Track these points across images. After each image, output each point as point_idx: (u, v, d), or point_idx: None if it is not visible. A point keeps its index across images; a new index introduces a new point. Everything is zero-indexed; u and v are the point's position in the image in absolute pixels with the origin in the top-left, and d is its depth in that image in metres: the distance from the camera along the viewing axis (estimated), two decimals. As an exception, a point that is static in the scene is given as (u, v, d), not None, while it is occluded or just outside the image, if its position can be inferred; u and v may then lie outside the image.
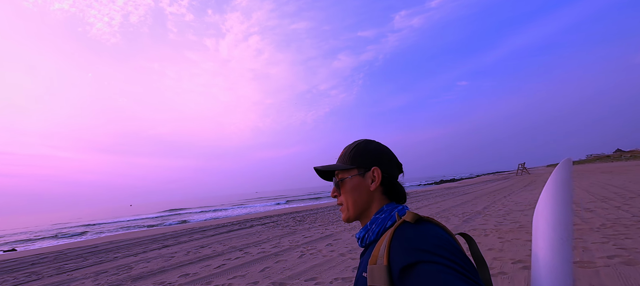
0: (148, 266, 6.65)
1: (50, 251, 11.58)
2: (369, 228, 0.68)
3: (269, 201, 46.22)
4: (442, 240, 0.52)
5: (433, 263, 0.48)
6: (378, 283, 0.54)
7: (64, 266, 7.88)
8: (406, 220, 0.58)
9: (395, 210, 0.66)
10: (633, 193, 9.69)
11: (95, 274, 6.41)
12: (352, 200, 0.71)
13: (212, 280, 4.99)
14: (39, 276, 6.88)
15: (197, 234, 11.72)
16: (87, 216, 53.01)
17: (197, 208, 47.84)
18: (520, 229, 6.16)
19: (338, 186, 0.74)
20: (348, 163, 0.73)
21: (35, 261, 9.16)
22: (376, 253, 0.57)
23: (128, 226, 22.87)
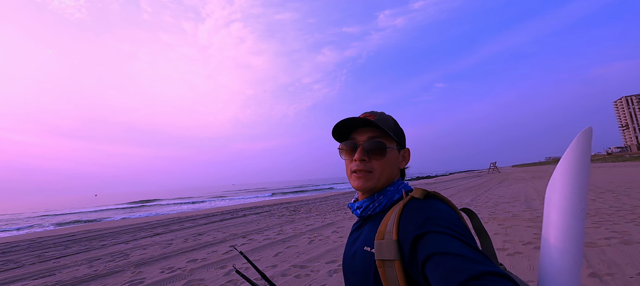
0: (146, 252, 6.31)
1: (17, 240, 10.57)
2: (376, 199, 0.67)
3: (250, 194, 45.33)
4: (449, 214, 0.55)
5: (439, 233, 0.50)
6: (387, 256, 0.54)
7: (44, 254, 7.25)
8: (414, 196, 0.59)
9: (402, 185, 0.68)
10: (601, 188, 10.75)
11: (87, 261, 5.97)
12: (388, 171, 0.68)
13: (226, 264, 4.86)
14: (18, 264, 6.29)
15: (187, 222, 11.28)
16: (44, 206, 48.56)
17: (171, 199, 45.65)
18: (515, 217, 6.61)
19: (378, 151, 0.67)
20: (392, 132, 0.69)
21: (5, 250, 8.34)
22: (383, 228, 0.58)
23: (94, 218, 21.43)
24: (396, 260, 0.53)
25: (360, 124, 0.69)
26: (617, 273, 3.03)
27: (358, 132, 0.70)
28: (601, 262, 3.36)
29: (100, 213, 25.01)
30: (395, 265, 0.53)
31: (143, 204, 34.40)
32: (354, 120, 0.68)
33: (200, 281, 4.07)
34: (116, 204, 38.97)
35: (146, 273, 4.72)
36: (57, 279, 4.79)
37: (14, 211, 37.88)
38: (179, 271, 4.68)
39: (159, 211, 22.45)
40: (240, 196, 38.91)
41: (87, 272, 5.04)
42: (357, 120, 0.68)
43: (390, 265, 0.54)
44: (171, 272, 4.62)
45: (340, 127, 0.70)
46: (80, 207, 37.32)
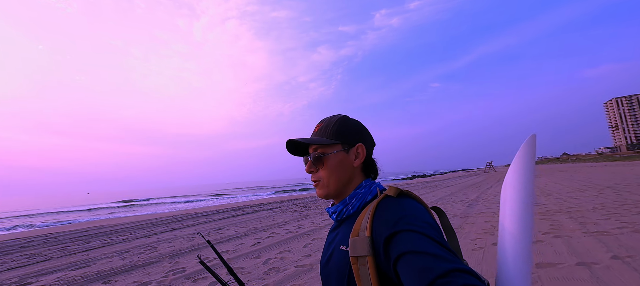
0: (173, 245, 6.49)
1: (27, 236, 10.59)
2: (348, 202, 0.68)
3: (250, 192, 45.38)
4: (421, 213, 0.57)
5: (411, 231, 0.52)
6: (360, 252, 0.56)
7: (66, 247, 7.36)
8: (388, 194, 0.61)
9: (374, 186, 0.69)
10: (601, 185, 11.21)
11: (117, 253, 6.12)
12: (335, 177, 0.69)
13: (261, 254, 5.07)
14: (45, 257, 6.41)
15: (201, 218, 11.43)
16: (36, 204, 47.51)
17: (168, 197, 45.27)
18: (489, 214, 6.96)
19: (318, 161, 0.71)
20: (332, 137, 0.70)
21: (22, 245, 8.40)
22: (358, 226, 0.59)
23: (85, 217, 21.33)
24: (369, 256, 0.55)
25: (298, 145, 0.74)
26: (636, 255, 3.35)
27: (310, 146, 0.73)
28: (619, 247, 3.68)
29: (98, 211, 24.85)
30: (367, 261, 0.55)
31: (130, 204, 34.12)
32: (289, 145, 0.74)
33: (241, 269, 4.29)
34: (113, 202, 38.61)
35: (184, 263, 4.90)
36: (95, 269, 4.95)
37: (5, 209, 37.28)
38: (215, 261, 4.87)
39: (158, 209, 22.42)
40: (241, 194, 38.92)
41: (124, 263, 5.21)
42: (290, 144, 0.73)
43: (363, 261, 0.56)
44: (208, 262, 4.81)
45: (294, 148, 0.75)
46: (74, 205, 36.82)
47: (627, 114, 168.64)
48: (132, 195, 72.49)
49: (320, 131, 0.73)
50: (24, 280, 4.66)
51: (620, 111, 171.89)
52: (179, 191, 79.59)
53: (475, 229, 5.53)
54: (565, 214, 6.09)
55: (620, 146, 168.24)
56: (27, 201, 77.54)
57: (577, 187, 11.35)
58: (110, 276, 4.46)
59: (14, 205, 50.91)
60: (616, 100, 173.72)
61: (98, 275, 4.56)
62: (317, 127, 0.75)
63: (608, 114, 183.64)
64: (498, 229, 0.63)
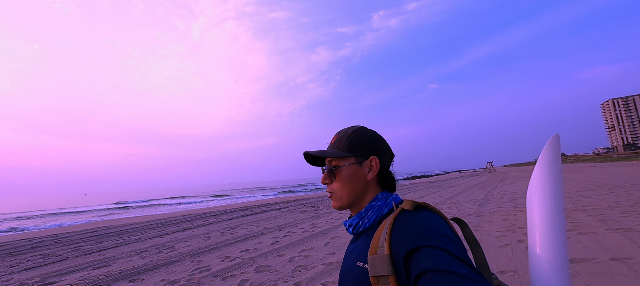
0: (190, 244, 6.46)
1: (35, 236, 10.49)
2: (363, 215, 0.67)
3: (251, 192, 45.24)
4: (440, 226, 0.55)
5: (432, 247, 0.50)
6: (381, 272, 0.54)
7: (80, 247, 7.31)
8: (404, 208, 0.59)
9: (391, 198, 0.67)
10: (608, 185, 11.29)
11: (135, 252, 6.08)
12: (348, 189, 0.69)
13: (283, 252, 5.06)
14: (61, 257, 6.35)
15: (210, 219, 11.39)
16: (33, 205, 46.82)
17: (168, 198, 44.98)
18: (504, 213, 7.00)
19: (331, 173, 0.71)
20: (345, 150, 0.70)
21: (32, 245, 8.33)
22: (375, 243, 0.57)
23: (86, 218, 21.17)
24: (390, 276, 0.53)
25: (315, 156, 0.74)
26: (668, 252, 3.37)
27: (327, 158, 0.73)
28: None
29: (100, 212, 24.68)
30: (389, 280, 0.53)
31: (132, 205, 33.95)
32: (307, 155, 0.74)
33: (267, 267, 4.28)
34: (113, 203, 38.34)
35: (207, 261, 4.88)
36: (117, 268, 4.91)
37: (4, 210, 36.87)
38: (238, 259, 4.86)
39: (161, 210, 22.31)
40: (243, 194, 38.80)
41: (144, 262, 5.18)
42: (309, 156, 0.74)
43: (385, 280, 0.54)
44: (231, 261, 4.80)
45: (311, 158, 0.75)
46: (73, 206, 36.48)
47: (624, 115, 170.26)
48: (130, 196, 71.90)
49: (335, 143, 0.72)
50: (46, 279, 4.62)
51: (617, 112, 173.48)
52: (177, 192, 79.14)
53: (495, 228, 5.55)
54: (582, 212, 6.13)
55: (617, 146, 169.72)
56: (23, 202, 76.76)
57: (585, 186, 11.43)
58: (135, 275, 4.43)
59: (11, 206, 50.45)
60: (613, 101, 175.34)
61: (122, 274, 4.53)
62: (333, 139, 0.74)
63: (604, 115, 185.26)
64: (527, 236, 0.59)
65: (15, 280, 4.77)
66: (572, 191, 10.05)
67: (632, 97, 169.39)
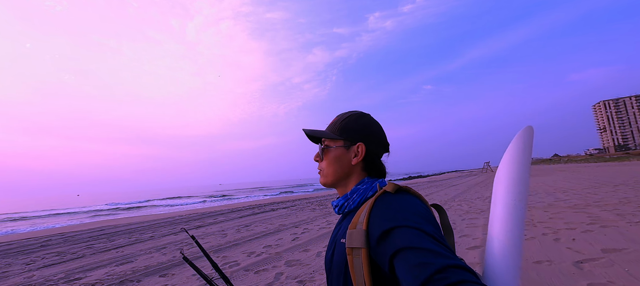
0: (209, 241, 6.43)
1: (42, 235, 10.32)
2: (349, 197, 0.71)
3: (247, 193, 44.98)
4: (419, 208, 0.58)
5: (408, 227, 0.52)
6: (356, 244, 0.57)
7: (93, 245, 7.23)
8: (387, 190, 0.62)
9: (376, 182, 0.70)
10: (612, 182, 11.52)
11: (154, 249, 6.04)
12: (332, 169, 0.73)
13: (308, 247, 5.08)
14: (76, 255, 6.28)
15: (220, 217, 11.34)
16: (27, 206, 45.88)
17: (166, 198, 44.48)
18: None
19: (322, 152, 0.76)
20: (336, 132, 0.74)
21: (42, 244, 8.20)
22: (356, 220, 0.61)
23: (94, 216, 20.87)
24: (363, 248, 0.56)
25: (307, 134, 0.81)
26: (695, 242, 3.48)
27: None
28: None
29: (98, 212, 24.35)
30: (361, 253, 0.56)
31: (135, 206, 33.55)
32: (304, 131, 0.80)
33: (297, 261, 4.29)
34: (111, 204, 37.82)
35: (233, 257, 4.88)
36: (141, 264, 4.88)
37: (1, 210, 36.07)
38: (264, 254, 4.86)
39: (160, 210, 22.10)
40: (243, 195, 38.59)
41: (168, 258, 5.15)
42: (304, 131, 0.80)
43: (358, 253, 0.57)
44: (257, 256, 4.80)
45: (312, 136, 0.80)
46: (69, 207, 35.83)
47: (615, 117, 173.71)
48: (125, 197, 70.85)
49: (331, 125, 0.77)
50: (70, 276, 4.57)
51: (608, 113, 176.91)
52: (172, 193, 78.32)
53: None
54: (596, 208, 6.26)
55: (609, 147, 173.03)
56: (15, 202, 75.15)
57: (589, 184, 11.64)
58: (163, 270, 4.41)
59: (3, 207, 49.43)
60: (604, 103, 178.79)
61: (149, 270, 4.50)
62: (332, 121, 0.79)
63: (596, 117, 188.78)
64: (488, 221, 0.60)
65: (37, 276, 4.71)
66: (578, 189, 10.24)
67: (622, 99, 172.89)
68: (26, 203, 69.11)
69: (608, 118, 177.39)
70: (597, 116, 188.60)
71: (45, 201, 77.54)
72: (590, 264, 3.13)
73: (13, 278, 4.76)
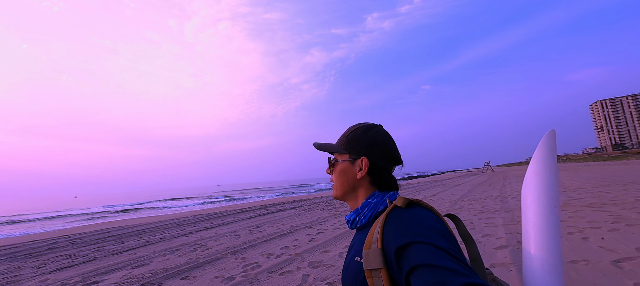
0: (222, 242, 6.33)
1: (46, 238, 10.15)
2: (360, 211, 0.70)
3: (249, 194, 44.82)
4: (432, 221, 0.57)
5: (423, 243, 0.51)
6: (374, 266, 0.56)
7: (103, 247, 7.10)
8: (397, 205, 0.61)
9: (387, 196, 0.69)
10: (621, 181, 11.51)
11: (168, 251, 5.92)
12: (339, 183, 0.74)
13: (328, 248, 4.99)
14: (88, 258, 6.15)
15: (228, 218, 11.23)
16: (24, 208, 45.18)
17: (167, 200, 44.18)
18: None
19: (330, 166, 0.78)
20: (342, 146, 0.75)
21: (49, 246, 8.06)
22: (369, 238, 0.60)
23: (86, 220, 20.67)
24: (382, 269, 0.55)
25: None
26: None
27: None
28: None
29: (98, 214, 24.12)
30: (381, 273, 0.55)
31: (136, 207, 33.31)
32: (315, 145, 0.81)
33: (320, 263, 4.20)
34: (112, 205, 37.51)
35: (252, 258, 4.78)
36: (158, 266, 4.77)
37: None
38: (284, 256, 4.77)
39: (162, 212, 21.93)
40: (245, 195, 38.42)
41: (185, 260, 5.04)
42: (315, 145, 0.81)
43: (377, 274, 0.56)
44: (277, 257, 4.70)
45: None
46: (68, 208, 35.45)
47: (612, 116, 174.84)
48: (124, 198, 70.20)
49: (340, 137, 0.77)
50: (87, 279, 4.46)
51: (605, 112, 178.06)
52: (171, 194, 77.86)
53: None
54: (614, 206, 6.22)
55: (606, 146, 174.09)
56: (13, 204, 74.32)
57: (597, 183, 11.63)
58: (184, 273, 4.31)
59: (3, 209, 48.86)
60: (601, 102, 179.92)
61: (168, 272, 4.40)
62: (342, 134, 0.79)
63: (593, 116, 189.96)
64: (522, 234, 0.58)
65: (51, 280, 4.59)
66: (587, 188, 10.22)
67: (619, 99, 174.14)
68: (23, 205, 68.51)
69: (605, 118, 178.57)
70: (594, 116, 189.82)
71: (42, 203, 76.76)
72: (630, 263, 3.07)
73: (26, 282, 4.64)
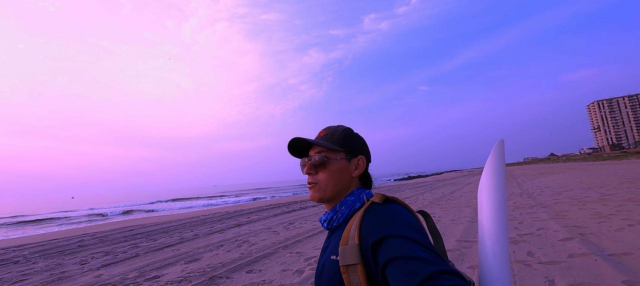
0: (264, 238, 6.30)
1: (70, 235, 10.05)
2: (338, 210, 0.70)
3: (252, 194, 44.74)
4: (405, 216, 0.59)
5: (398, 236, 0.53)
6: (350, 261, 0.57)
7: (138, 244, 7.04)
8: (374, 201, 0.63)
9: (363, 193, 0.71)
10: (629, 179, 11.60)
11: (213, 246, 5.88)
12: (333, 182, 0.71)
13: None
14: (128, 254, 6.10)
15: (252, 215, 11.20)
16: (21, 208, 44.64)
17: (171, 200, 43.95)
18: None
19: (321, 164, 0.72)
20: (337, 145, 0.73)
21: (81, 244, 7.97)
22: (347, 234, 0.61)
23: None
24: (358, 264, 0.56)
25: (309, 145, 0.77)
26: None
27: (312, 149, 0.76)
28: None
29: (99, 214, 23.93)
30: (358, 269, 0.56)
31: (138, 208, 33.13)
32: (299, 142, 0.76)
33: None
34: (111, 206, 37.23)
35: (307, 253, 4.75)
36: (214, 261, 4.73)
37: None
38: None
39: (175, 211, 21.79)
40: (251, 195, 38.31)
41: (237, 255, 5.01)
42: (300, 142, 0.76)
43: (354, 269, 0.56)
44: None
45: (294, 148, 0.77)
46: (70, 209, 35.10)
47: (608, 116, 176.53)
48: (126, 199, 69.70)
49: (327, 136, 0.75)
50: (145, 274, 4.41)
51: (602, 113, 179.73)
52: (170, 194, 77.37)
53: (547, 215, 5.62)
54: (632, 203, 6.26)
55: (604, 146, 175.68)
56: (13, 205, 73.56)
57: (603, 181, 11.72)
58: (245, 266, 4.27)
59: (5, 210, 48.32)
60: (598, 103, 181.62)
61: (230, 267, 4.36)
62: (322, 133, 0.77)
63: (590, 116, 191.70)
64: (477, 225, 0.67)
65: (106, 275, 4.54)
66: (596, 185, 10.31)
67: (616, 99, 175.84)
68: (20, 206, 67.80)
69: (602, 118, 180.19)
70: (591, 116, 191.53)
71: (40, 203, 76.04)
72: None
73: (79, 277, 4.59)
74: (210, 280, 3.82)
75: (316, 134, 0.79)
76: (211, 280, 3.81)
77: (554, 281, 2.80)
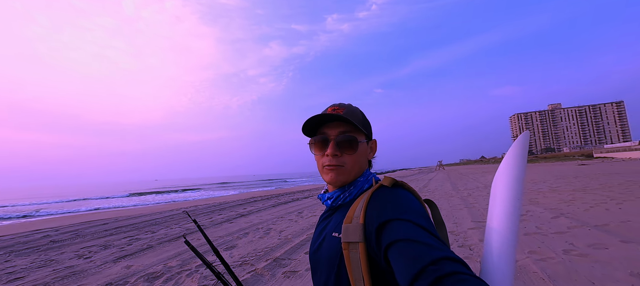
0: (283, 226, 6.36)
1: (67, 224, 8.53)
2: (346, 189, 0.69)
3: (219, 189, 42.10)
4: (414, 203, 0.59)
5: (404, 220, 0.53)
6: (353, 239, 0.57)
7: (157, 230, 6.46)
8: (383, 184, 0.63)
9: (372, 175, 0.72)
10: (557, 176, 14.27)
11: (241, 233, 5.76)
12: (358, 165, 0.70)
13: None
14: (145, 243, 5.63)
15: (258, 203, 10.90)
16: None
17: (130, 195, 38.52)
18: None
19: (350, 145, 0.68)
20: (362, 127, 0.70)
21: (93, 231, 6.93)
22: (351, 214, 0.61)
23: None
24: (360, 242, 0.56)
25: (331, 119, 0.70)
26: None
27: (328, 126, 0.71)
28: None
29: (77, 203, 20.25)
30: (359, 247, 0.56)
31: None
32: (325, 116, 0.69)
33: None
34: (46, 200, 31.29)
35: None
36: (253, 247, 4.73)
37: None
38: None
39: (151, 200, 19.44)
40: (233, 189, 36.00)
41: (274, 242, 5.06)
42: (328, 116, 0.69)
43: (355, 247, 0.57)
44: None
45: (310, 122, 0.71)
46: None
47: (524, 127, 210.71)
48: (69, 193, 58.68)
49: (348, 115, 0.70)
50: (186, 264, 4.24)
51: (520, 124, 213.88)
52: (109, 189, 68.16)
53: (550, 203, 6.95)
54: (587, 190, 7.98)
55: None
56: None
57: (552, 177, 14.26)
58: (291, 253, 4.41)
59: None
60: (517, 115, 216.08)
61: (271, 251, 4.44)
62: (338, 110, 0.71)
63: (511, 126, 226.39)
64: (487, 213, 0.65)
65: (135, 267, 4.23)
66: (539, 181, 12.53)
67: (530, 113, 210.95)
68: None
69: (520, 128, 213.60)
70: (512, 126, 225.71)
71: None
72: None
73: (110, 269, 4.19)
74: (274, 261, 3.89)
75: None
76: (276, 262, 3.89)
77: (573, 244, 3.64)
